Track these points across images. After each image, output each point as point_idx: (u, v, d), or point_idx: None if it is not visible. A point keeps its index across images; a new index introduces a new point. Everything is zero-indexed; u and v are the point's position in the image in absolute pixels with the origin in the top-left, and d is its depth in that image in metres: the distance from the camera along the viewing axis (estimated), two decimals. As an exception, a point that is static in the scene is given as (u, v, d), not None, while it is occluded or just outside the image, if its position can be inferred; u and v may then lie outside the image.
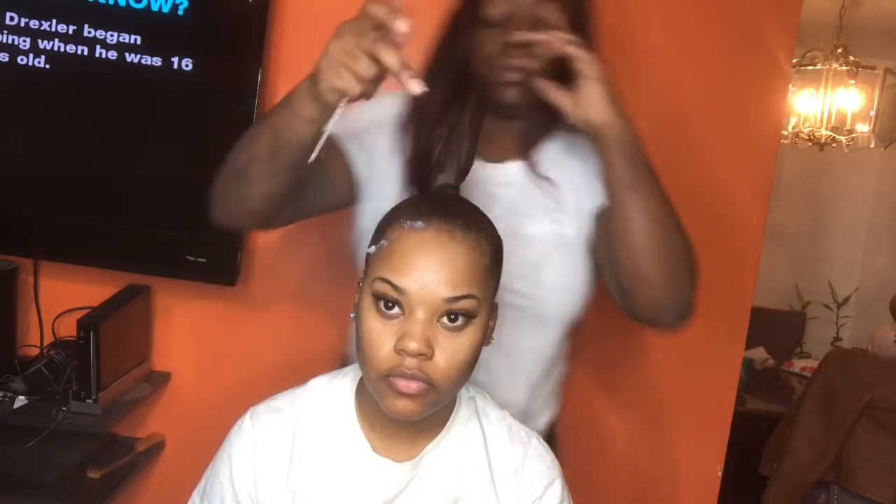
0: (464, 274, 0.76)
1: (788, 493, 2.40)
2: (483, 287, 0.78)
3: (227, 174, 0.97)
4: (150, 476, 1.64)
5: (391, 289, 0.76)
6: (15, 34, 1.42)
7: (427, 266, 0.75)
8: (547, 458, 0.91)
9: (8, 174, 1.50)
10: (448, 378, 0.77)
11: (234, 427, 0.89)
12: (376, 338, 0.77)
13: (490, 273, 0.80)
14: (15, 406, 1.42)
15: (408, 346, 0.74)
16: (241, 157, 0.94)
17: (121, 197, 1.50)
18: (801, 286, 4.28)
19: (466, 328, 0.77)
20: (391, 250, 0.77)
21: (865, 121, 3.18)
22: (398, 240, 0.77)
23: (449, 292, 0.75)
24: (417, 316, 0.75)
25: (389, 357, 0.76)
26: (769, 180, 1.59)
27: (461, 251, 0.76)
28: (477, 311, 0.77)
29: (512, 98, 1.00)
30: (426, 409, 0.78)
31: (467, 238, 0.77)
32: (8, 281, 1.55)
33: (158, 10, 1.41)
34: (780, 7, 1.53)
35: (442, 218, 0.77)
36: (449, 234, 0.76)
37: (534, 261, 1.05)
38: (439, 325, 0.76)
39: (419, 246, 0.76)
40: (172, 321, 1.61)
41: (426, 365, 0.75)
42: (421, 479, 0.86)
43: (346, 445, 0.86)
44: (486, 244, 0.79)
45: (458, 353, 0.77)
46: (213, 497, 0.88)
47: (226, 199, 0.99)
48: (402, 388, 0.76)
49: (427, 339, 0.75)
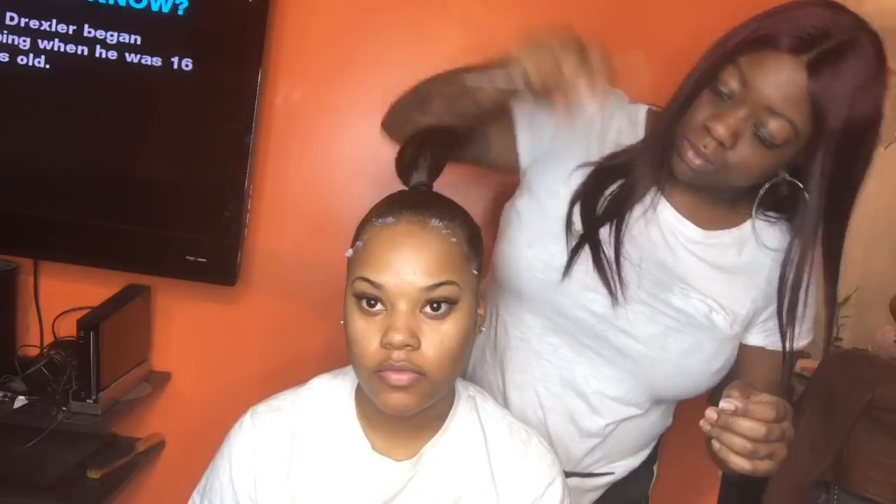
0: (439, 262, 0.77)
1: (788, 493, 2.40)
2: (461, 272, 0.79)
3: (413, 95, 1.03)
4: (150, 476, 1.64)
5: (370, 286, 0.77)
6: (15, 34, 1.42)
7: (401, 258, 0.76)
8: (548, 457, 0.90)
9: (8, 174, 1.50)
10: (438, 367, 0.77)
11: (234, 426, 0.89)
12: (362, 336, 0.77)
13: (468, 259, 0.80)
14: (15, 406, 1.43)
15: (393, 339, 0.75)
16: (430, 88, 1.00)
17: (121, 197, 1.50)
18: (801, 286, 4.28)
19: (450, 315, 0.78)
20: (366, 249, 0.79)
21: (865, 121, 3.18)
22: (371, 238, 0.79)
23: (426, 281, 0.76)
24: (399, 308, 0.76)
25: (377, 352, 0.77)
26: (769, 180, 1.59)
27: (434, 239, 0.77)
28: (458, 297, 0.78)
29: (682, 175, 0.96)
30: (421, 400, 0.78)
31: (439, 226, 0.78)
32: (8, 281, 1.55)
33: (158, 10, 1.41)
34: (780, 7, 1.53)
35: (412, 211, 0.79)
36: (420, 224, 0.78)
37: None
38: (422, 316, 0.77)
39: (392, 240, 0.77)
40: (172, 321, 1.61)
41: (414, 355, 0.76)
42: (421, 477, 0.86)
43: (346, 444, 0.86)
44: (461, 231, 0.80)
45: (445, 340, 0.77)
46: (213, 496, 0.88)
47: (401, 114, 1.05)
48: (393, 381, 0.76)
49: (411, 329, 0.76)
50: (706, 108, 0.92)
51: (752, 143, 0.90)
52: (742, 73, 0.89)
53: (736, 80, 0.90)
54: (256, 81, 1.44)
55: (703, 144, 0.91)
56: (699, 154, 0.92)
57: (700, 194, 1.02)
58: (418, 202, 0.80)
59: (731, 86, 0.90)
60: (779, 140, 0.89)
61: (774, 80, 0.87)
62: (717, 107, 0.91)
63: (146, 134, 1.50)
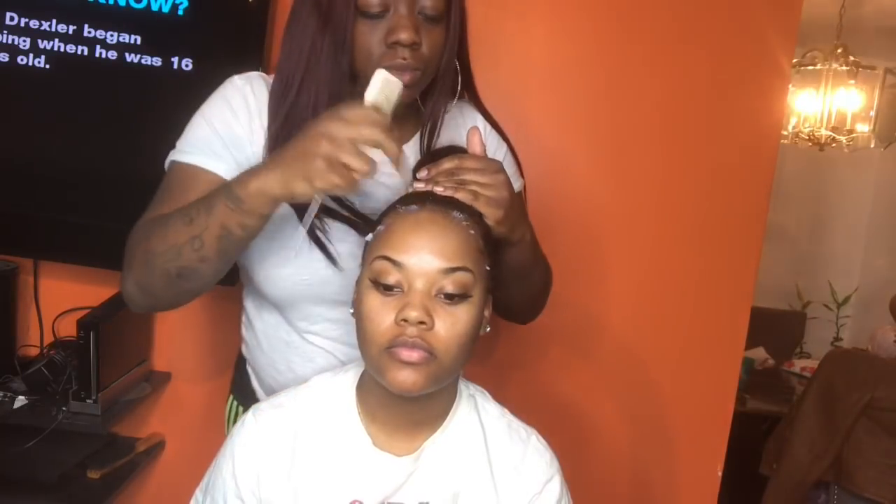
0: (458, 248, 0.79)
1: (788, 493, 2.40)
2: (477, 264, 0.81)
3: (159, 280, 0.89)
4: (150, 476, 1.64)
5: (390, 265, 0.78)
6: (15, 34, 1.42)
7: (423, 240, 0.78)
8: (546, 455, 0.91)
9: (8, 174, 1.50)
10: (448, 349, 0.78)
11: (236, 424, 0.90)
12: (376, 314, 0.78)
13: (483, 254, 0.82)
14: (15, 406, 1.43)
15: (409, 315, 0.76)
16: (178, 260, 0.86)
17: (121, 197, 1.49)
18: (801, 286, 4.28)
19: (463, 303, 0.79)
20: (388, 231, 0.80)
21: (865, 121, 3.18)
22: (394, 222, 0.81)
23: (445, 263, 0.78)
24: (416, 287, 0.78)
25: (391, 329, 0.77)
26: (769, 180, 1.59)
27: (455, 228, 0.80)
28: (472, 288, 0.80)
29: (406, 98, 0.93)
30: (427, 381, 0.78)
31: (460, 217, 0.81)
32: (8, 281, 1.55)
33: (158, 10, 1.42)
34: (780, 7, 1.53)
35: (435, 202, 0.81)
36: (442, 213, 0.80)
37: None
38: (437, 300, 0.78)
39: (415, 224, 0.79)
40: (172, 321, 1.61)
41: (427, 334, 0.77)
42: (421, 472, 0.86)
43: (348, 440, 0.87)
44: (478, 227, 0.83)
45: (458, 324, 0.79)
46: (216, 493, 0.88)
47: (164, 295, 0.93)
48: (404, 357, 0.77)
49: (427, 308, 0.77)
50: (374, 33, 0.91)
51: (427, 28, 0.91)
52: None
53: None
54: (256, 81, 1.44)
55: (401, 58, 0.90)
56: (405, 68, 0.91)
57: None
58: (441, 197, 0.83)
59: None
60: (440, 6, 0.91)
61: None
62: (382, 24, 0.90)
63: (146, 134, 1.50)
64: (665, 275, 1.60)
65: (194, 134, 0.99)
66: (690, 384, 1.64)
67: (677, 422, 1.66)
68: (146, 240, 0.90)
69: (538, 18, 1.54)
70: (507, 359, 1.63)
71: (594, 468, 1.66)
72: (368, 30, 0.91)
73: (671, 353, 1.63)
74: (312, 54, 0.93)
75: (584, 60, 1.56)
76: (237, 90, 0.99)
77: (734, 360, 1.66)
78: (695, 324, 1.63)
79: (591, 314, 1.62)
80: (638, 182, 1.58)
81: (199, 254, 0.86)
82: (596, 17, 1.54)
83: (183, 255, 0.86)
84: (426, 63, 0.93)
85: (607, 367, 1.64)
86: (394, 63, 0.90)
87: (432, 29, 0.92)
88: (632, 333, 1.63)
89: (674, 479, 1.68)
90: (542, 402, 1.62)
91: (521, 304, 1.13)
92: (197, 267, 0.87)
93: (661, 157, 1.58)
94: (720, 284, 1.61)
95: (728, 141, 1.57)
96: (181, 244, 0.86)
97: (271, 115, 0.96)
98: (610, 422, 1.66)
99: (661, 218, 1.59)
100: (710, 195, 1.58)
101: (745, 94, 1.56)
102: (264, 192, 0.81)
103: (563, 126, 1.59)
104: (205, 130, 0.98)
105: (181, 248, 0.86)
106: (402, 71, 0.90)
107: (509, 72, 1.52)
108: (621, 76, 1.56)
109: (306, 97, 0.94)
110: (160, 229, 0.88)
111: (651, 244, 1.61)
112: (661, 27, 1.53)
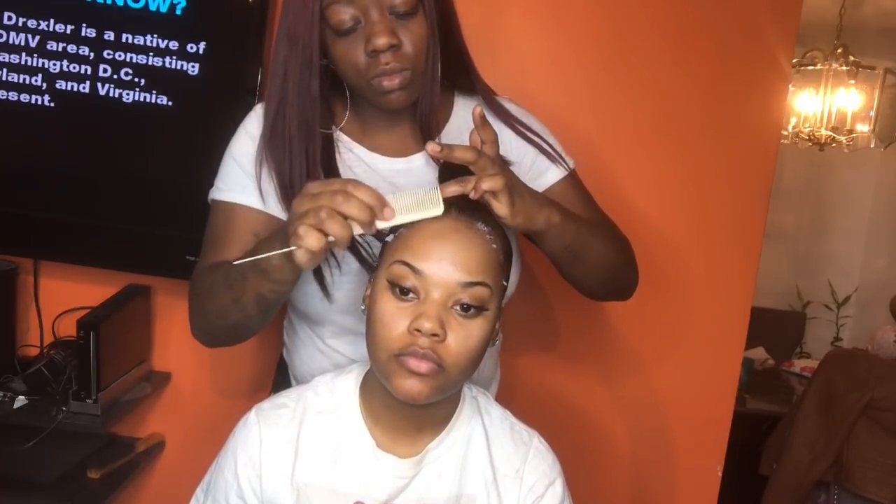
0: (480, 262, 0.78)
1: (788, 493, 2.40)
2: (495, 279, 0.79)
3: (217, 330, 0.98)
4: (150, 476, 1.64)
5: (409, 271, 0.77)
6: (14, 33, 1.42)
7: (445, 250, 0.77)
8: (548, 458, 0.91)
9: (8, 174, 1.50)
10: (458, 362, 0.78)
11: (238, 423, 0.90)
12: (389, 318, 0.77)
13: (502, 269, 0.81)
14: (15, 406, 1.43)
15: (423, 326, 0.75)
16: (227, 319, 0.94)
17: (121, 197, 1.50)
18: (801, 286, 4.29)
19: (478, 318, 0.78)
20: (410, 236, 0.79)
21: (865, 121, 3.18)
22: (417, 227, 0.79)
23: (465, 277, 0.76)
24: (433, 297, 0.76)
25: (402, 336, 0.77)
26: (769, 180, 1.59)
27: (478, 240, 0.78)
28: (488, 303, 0.79)
29: (399, 104, 0.94)
30: (433, 392, 0.78)
31: (484, 230, 0.79)
32: (8, 281, 1.55)
33: (156, 9, 1.41)
34: (780, 7, 1.53)
35: (460, 210, 0.79)
36: (467, 224, 0.79)
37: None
38: (452, 312, 0.77)
39: (438, 232, 0.78)
40: (172, 321, 1.61)
41: (438, 347, 0.76)
42: (424, 475, 0.87)
43: (351, 441, 0.86)
44: (500, 241, 0.82)
45: (470, 339, 0.78)
46: (218, 493, 0.88)
47: (227, 339, 1.01)
48: (413, 367, 0.76)
49: (441, 320, 0.76)
50: (355, 47, 0.90)
51: (404, 25, 0.90)
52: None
53: (346, 8, 0.89)
54: (257, 81, 1.44)
55: (384, 63, 0.90)
56: (392, 73, 0.90)
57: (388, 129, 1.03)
58: (467, 205, 0.81)
59: (345, 15, 0.89)
60: (410, 2, 0.89)
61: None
62: (360, 35, 0.90)
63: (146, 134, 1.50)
64: (665, 274, 1.60)
65: (225, 171, 1.03)
66: (690, 384, 1.64)
67: (677, 422, 1.66)
68: (199, 296, 0.97)
69: (538, 18, 1.54)
70: (506, 359, 1.63)
71: (594, 468, 1.66)
72: (348, 46, 0.91)
73: (671, 352, 1.63)
74: (285, 81, 0.94)
75: (583, 60, 1.56)
76: (258, 118, 1.01)
77: (734, 360, 1.66)
78: (695, 324, 1.63)
79: (591, 314, 1.62)
80: (638, 182, 1.58)
81: (244, 313, 0.92)
82: (596, 17, 1.54)
83: (231, 315, 0.93)
84: (413, 60, 0.92)
85: (607, 368, 1.64)
86: (379, 70, 0.90)
87: (409, 24, 0.91)
88: (631, 333, 1.63)
89: (674, 479, 1.68)
90: (542, 404, 1.62)
91: (591, 285, 1.10)
92: (245, 322, 0.94)
93: (660, 157, 1.58)
94: (720, 284, 1.61)
95: (728, 141, 1.57)
96: (226, 305, 0.92)
97: (260, 142, 0.99)
98: (610, 422, 1.66)
99: (661, 218, 1.59)
100: (710, 195, 1.58)
101: (745, 94, 1.56)
102: (283, 266, 0.83)
103: (562, 126, 1.59)
104: (232, 167, 1.02)
105: (227, 308, 0.92)
106: (390, 76, 0.90)
107: (509, 72, 1.52)
108: (621, 76, 1.56)
109: (281, 124, 0.95)
110: (209, 290, 0.95)
111: (651, 244, 1.61)
112: (661, 27, 1.53)
